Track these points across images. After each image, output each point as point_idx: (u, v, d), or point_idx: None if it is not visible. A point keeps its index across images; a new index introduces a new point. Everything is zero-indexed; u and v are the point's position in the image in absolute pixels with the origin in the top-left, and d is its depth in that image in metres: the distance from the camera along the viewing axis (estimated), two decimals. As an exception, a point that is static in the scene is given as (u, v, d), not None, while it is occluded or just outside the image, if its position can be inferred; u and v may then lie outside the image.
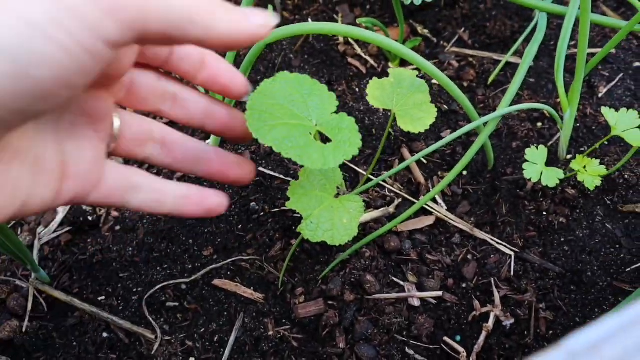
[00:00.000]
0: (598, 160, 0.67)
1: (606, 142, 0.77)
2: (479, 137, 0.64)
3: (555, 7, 0.73)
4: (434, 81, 0.86)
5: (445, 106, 0.84)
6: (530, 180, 0.66)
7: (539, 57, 0.89)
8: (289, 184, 0.70)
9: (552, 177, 0.65)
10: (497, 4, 0.95)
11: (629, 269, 0.67)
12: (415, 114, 0.65)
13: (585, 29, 0.59)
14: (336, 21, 0.97)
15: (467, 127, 0.61)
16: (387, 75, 0.89)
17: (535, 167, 0.65)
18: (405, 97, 0.67)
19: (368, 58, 0.91)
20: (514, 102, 0.83)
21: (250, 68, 0.70)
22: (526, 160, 0.66)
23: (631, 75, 0.85)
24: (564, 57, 0.69)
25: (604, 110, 0.66)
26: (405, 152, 0.79)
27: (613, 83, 0.84)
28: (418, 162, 0.79)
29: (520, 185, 0.75)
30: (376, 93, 0.67)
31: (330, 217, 0.62)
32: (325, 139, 0.59)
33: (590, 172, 0.66)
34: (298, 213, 0.67)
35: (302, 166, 0.67)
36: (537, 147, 0.67)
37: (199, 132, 0.84)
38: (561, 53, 0.69)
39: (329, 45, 0.94)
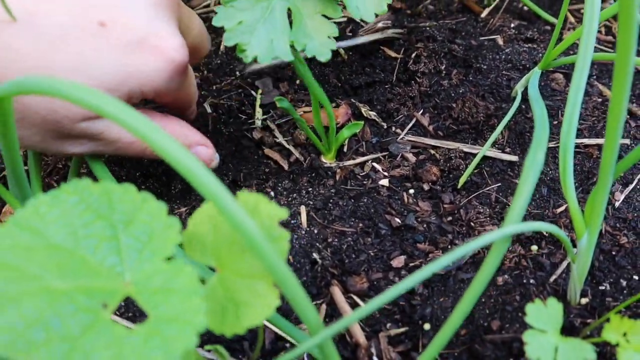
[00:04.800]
0: (643, 322, 0.41)
1: None
2: (467, 292, 0.38)
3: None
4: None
5: (398, 219, 0.58)
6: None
7: (526, 149, 0.65)
8: None
9: (575, 358, 0.38)
10: (464, 79, 0.72)
11: None
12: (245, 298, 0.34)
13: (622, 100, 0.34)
14: (254, 99, 0.72)
15: (440, 263, 0.35)
16: (315, 173, 0.63)
17: (545, 338, 0.38)
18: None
19: (292, 149, 0.66)
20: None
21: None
22: (527, 325, 0.39)
23: (653, 174, 0.62)
24: (572, 155, 0.44)
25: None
26: (336, 292, 0.52)
27: (632, 186, 0.60)
28: (354, 309, 0.51)
29: (514, 352, 0.47)
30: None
31: None
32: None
33: (635, 345, 0.39)
34: None
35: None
36: (543, 300, 0.40)
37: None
38: (567, 150, 0.44)
39: (241, 130, 0.68)
